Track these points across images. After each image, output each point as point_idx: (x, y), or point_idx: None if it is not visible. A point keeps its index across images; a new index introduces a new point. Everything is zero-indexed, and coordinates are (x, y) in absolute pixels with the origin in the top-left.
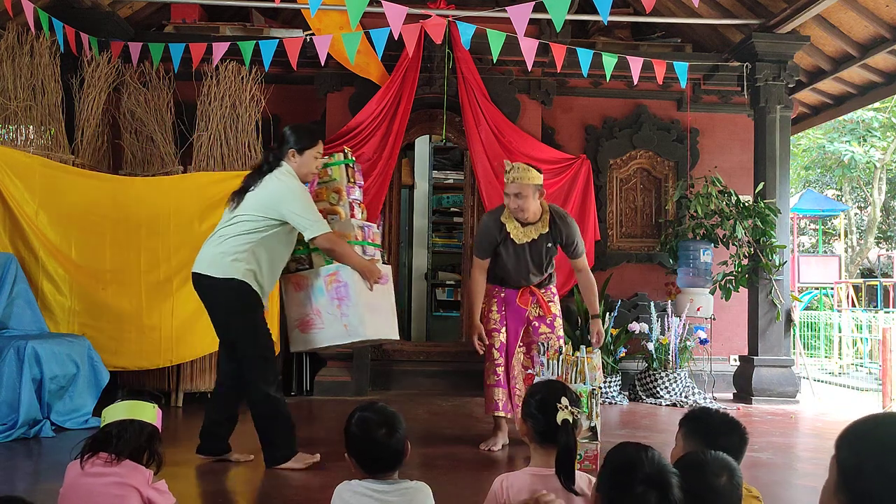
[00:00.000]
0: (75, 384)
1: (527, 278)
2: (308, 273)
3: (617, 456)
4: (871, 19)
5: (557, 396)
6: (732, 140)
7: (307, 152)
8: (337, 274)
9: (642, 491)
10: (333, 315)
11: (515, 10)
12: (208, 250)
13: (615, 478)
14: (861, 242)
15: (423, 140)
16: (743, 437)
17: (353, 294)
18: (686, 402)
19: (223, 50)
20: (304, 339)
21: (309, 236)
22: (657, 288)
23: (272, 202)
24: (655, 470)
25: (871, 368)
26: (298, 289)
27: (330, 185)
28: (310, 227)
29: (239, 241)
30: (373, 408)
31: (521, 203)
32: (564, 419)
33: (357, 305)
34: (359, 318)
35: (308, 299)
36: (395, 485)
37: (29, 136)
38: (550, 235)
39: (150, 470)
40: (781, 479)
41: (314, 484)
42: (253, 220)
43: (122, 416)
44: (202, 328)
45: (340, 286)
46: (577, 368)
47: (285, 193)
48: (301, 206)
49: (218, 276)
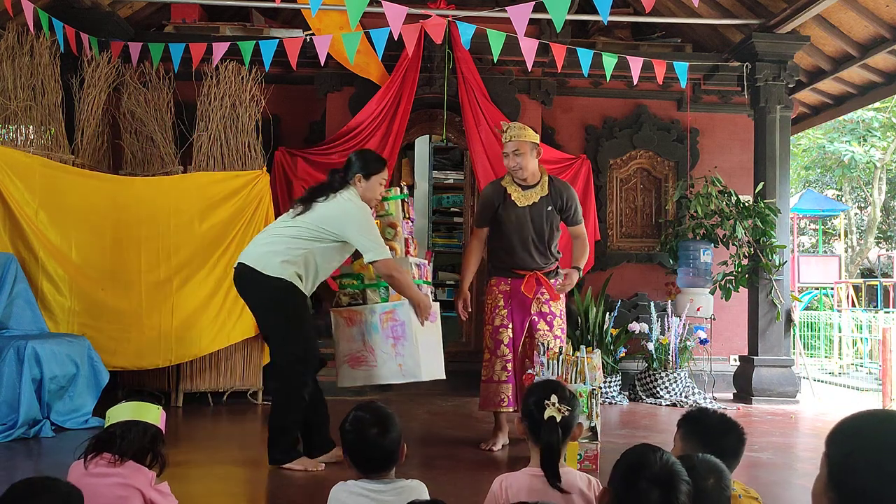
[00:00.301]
0: (75, 384)
1: (531, 253)
2: (362, 309)
3: (630, 454)
4: (871, 19)
5: (549, 395)
6: (732, 140)
7: (374, 178)
8: (394, 312)
9: (648, 489)
10: (388, 354)
11: (515, 10)
12: (259, 248)
13: (625, 474)
14: (861, 242)
15: (423, 140)
16: (741, 438)
17: (409, 333)
18: (686, 402)
19: (223, 50)
20: (352, 375)
21: (370, 259)
22: (657, 288)
23: (337, 221)
24: (664, 471)
25: (871, 368)
26: (351, 324)
27: (385, 219)
28: (372, 249)
29: (294, 245)
30: (368, 407)
31: (520, 161)
32: (551, 416)
33: (414, 346)
34: (415, 359)
35: (360, 335)
36: (390, 484)
37: (29, 136)
38: (550, 199)
39: (153, 471)
40: (781, 479)
41: (315, 484)
42: (314, 230)
43: (127, 417)
44: (202, 328)
45: (397, 325)
46: (577, 368)
47: (352, 214)
48: (366, 229)
49: (265, 273)
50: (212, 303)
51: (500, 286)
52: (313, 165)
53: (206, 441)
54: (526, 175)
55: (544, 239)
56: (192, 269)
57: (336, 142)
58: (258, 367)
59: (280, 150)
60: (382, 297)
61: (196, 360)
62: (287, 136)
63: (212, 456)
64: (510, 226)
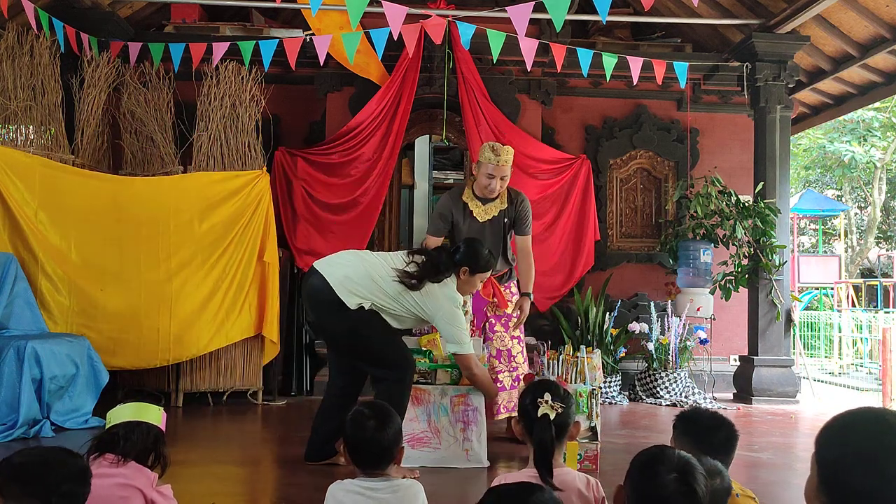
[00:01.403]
0: (75, 384)
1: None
2: (431, 388)
3: (646, 451)
4: (871, 19)
5: (542, 394)
6: (732, 140)
7: (477, 276)
8: (467, 397)
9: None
10: (455, 437)
11: (515, 10)
12: (349, 279)
13: (643, 468)
14: (861, 242)
15: (423, 140)
16: (731, 433)
17: (480, 419)
18: (686, 402)
19: (223, 50)
20: (411, 455)
21: (453, 350)
22: (657, 288)
23: (429, 307)
24: (682, 462)
25: (871, 368)
26: (418, 403)
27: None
28: (457, 343)
29: (379, 295)
30: (369, 404)
31: (502, 185)
32: (544, 413)
33: (483, 432)
34: (482, 445)
35: (426, 416)
36: (386, 482)
37: (29, 136)
38: (507, 211)
39: (154, 472)
40: (781, 479)
41: (315, 483)
42: (403, 300)
43: (129, 418)
44: (201, 328)
45: (469, 409)
46: (577, 368)
47: (445, 305)
48: (455, 322)
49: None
50: (211, 302)
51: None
52: (313, 165)
53: (206, 441)
54: (495, 196)
55: (500, 249)
56: (191, 269)
57: (336, 142)
58: (258, 366)
59: (280, 150)
60: (453, 378)
61: (196, 360)
62: (287, 136)
63: (212, 456)
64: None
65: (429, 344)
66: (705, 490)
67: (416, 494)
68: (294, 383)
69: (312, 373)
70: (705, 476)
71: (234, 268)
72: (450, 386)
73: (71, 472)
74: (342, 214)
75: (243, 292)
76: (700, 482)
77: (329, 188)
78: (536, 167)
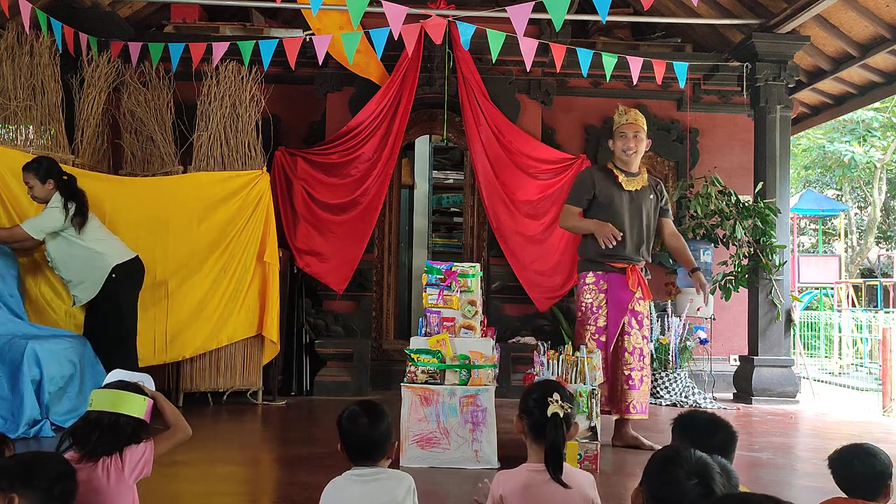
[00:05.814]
0: (74, 384)
1: (636, 244)
2: (440, 389)
3: (662, 452)
4: (871, 19)
5: (550, 393)
6: (732, 140)
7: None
8: (476, 397)
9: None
10: (464, 438)
11: (515, 10)
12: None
13: (661, 469)
14: (861, 242)
15: (423, 140)
16: (729, 435)
17: (490, 420)
18: (686, 402)
19: (223, 50)
20: (420, 455)
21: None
22: (657, 288)
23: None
24: (699, 462)
25: (871, 368)
26: (426, 403)
27: (465, 296)
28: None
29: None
30: (363, 402)
31: (638, 145)
32: (554, 413)
33: (493, 433)
34: (492, 446)
35: (435, 417)
36: (374, 470)
37: (29, 136)
38: (651, 188)
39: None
40: (781, 479)
41: (315, 482)
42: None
43: (108, 408)
44: (198, 327)
45: (478, 410)
46: (577, 368)
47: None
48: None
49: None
50: (210, 302)
51: (598, 284)
52: (313, 165)
53: (205, 441)
54: (636, 161)
55: (651, 230)
56: (191, 269)
57: (336, 142)
58: (258, 366)
59: (280, 150)
60: (462, 378)
61: (196, 359)
62: (287, 136)
63: (211, 456)
64: (620, 208)
65: (438, 344)
66: (723, 490)
67: (399, 484)
68: (294, 383)
69: (312, 373)
70: (722, 475)
71: (234, 267)
72: (458, 386)
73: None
74: (342, 214)
75: (243, 292)
76: (718, 482)
77: (329, 188)
78: (536, 167)
